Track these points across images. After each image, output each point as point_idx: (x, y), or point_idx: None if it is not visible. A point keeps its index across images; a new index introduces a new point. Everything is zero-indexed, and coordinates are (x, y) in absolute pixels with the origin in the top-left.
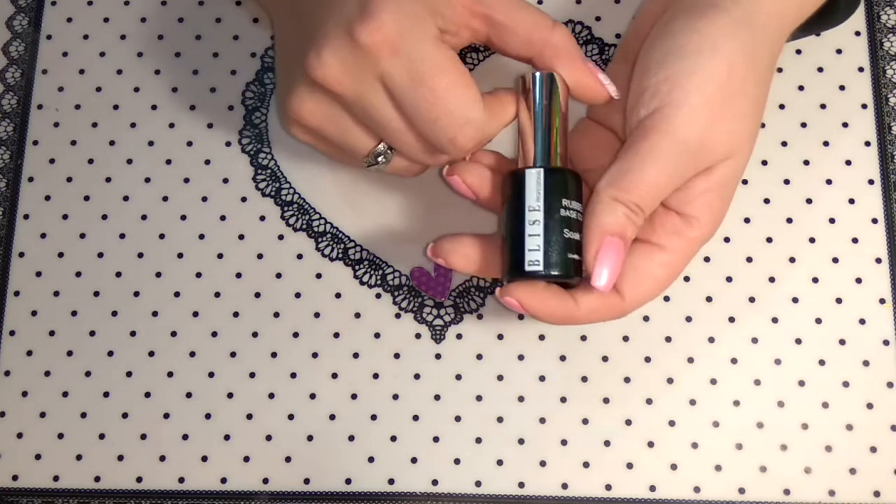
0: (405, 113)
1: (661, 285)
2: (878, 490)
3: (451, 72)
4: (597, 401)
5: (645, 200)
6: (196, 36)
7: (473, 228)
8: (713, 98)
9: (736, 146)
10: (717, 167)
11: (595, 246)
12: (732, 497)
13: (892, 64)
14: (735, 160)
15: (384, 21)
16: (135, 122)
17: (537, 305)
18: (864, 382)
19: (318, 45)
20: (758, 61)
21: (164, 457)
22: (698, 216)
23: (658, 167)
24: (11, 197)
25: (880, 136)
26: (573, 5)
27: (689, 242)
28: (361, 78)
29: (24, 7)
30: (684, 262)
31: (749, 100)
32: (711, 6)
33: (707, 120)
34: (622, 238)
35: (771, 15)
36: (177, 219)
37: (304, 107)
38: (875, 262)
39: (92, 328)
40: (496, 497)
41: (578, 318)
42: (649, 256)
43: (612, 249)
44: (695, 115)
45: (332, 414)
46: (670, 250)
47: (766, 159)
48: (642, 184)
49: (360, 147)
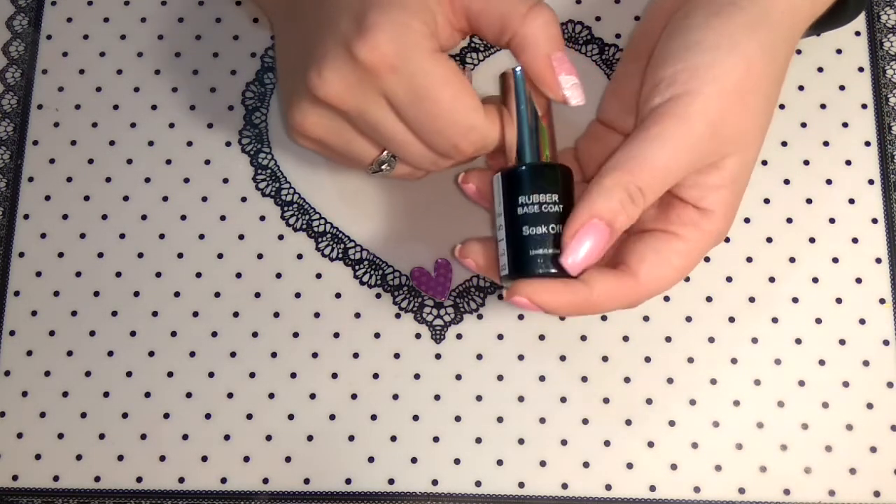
0: (409, 125)
1: (677, 273)
2: (878, 490)
3: (453, 83)
4: (597, 401)
5: (650, 185)
6: (196, 36)
7: (474, 228)
8: (730, 92)
9: (746, 142)
10: (727, 162)
11: (576, 225)
12: (732, 497)
13: (892, 64)
14: (744, 156)
15: (380, 40)
16: (135, 122)
17: (548, 299)
18: (864, 382)
19: (319, 62)
20: (775, 60)
21: (164, 457)
22: (714, 209)
23: (668, 151)
24: (11, 197)
25: (880, 136)
26: (573, 5)
27: (705, 234)
28: (363, 94)
29: (24, 7)
30: (699, 254)
31: (763, 98)
32: (729, 3)
33: (722, 111)
34: (609, 224)
35: (785, 13)
36: (177, 219)
37: (308, 120)
38: (875, 262)
39: (92, 328)
40: (496, 497)
41: (594, 303)
42: (667, 243)
43: (594, 231)
44: (711, 104)
45: (332, 414)
46: (687, 240)
47: (766, 159)
48: (650, 167)
49: (364, 156)
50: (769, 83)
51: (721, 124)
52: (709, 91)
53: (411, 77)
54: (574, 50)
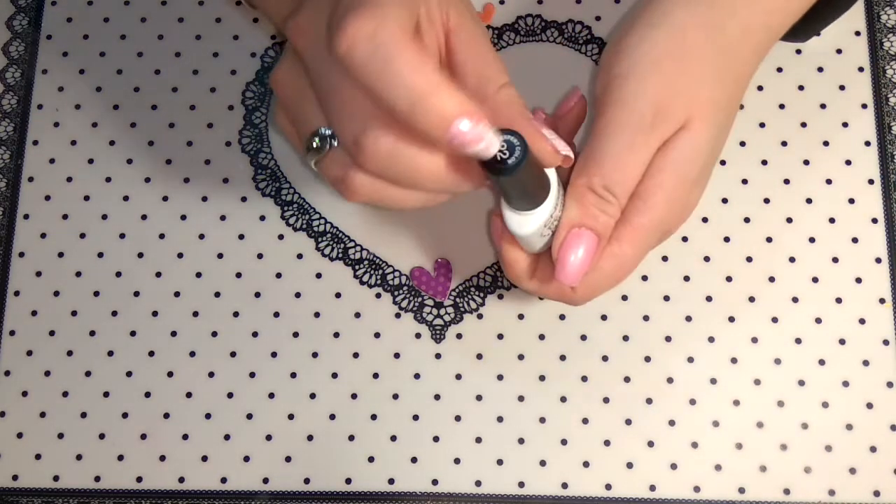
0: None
1: (611, 278)
2: (877, 490)
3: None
4: (597, 401)
5: (612, 180)
6: (196, 36)
7: (474, 228)
8: (663, 64)
9: (694, 111)
10: (674, 142)
11: (559, 241)
12: (732, 497)
13: (892, 64)
14: (694, 132)
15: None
16: (135, 122)
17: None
18: (864, 382)
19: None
20: (718, 30)
21: (164, 457)
22: (645, 198)
23: (615, 141)
24: (11, 197)
25: (880, 136)
26: (573, 5)
27: (635, 230)
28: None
29: (24, 7)
30: (635, 251)
31: (708, 66)
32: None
33: (659, 86)
34: (591, 228)
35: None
36: (177, 219)
37: (280, 67)
38: (875, 262)
39: (92, 328)
40: (496, 497)
41: (528, 288)
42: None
43: (576, 241)
44: (644, 81)
45: (332, 414)
46: (618, 239)
47: (766, 159)
48: (607, 161)
49: (309, 122)
50: (715, 52)
51: (662, 98)
52: (641, 70)
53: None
54: (574, 50)
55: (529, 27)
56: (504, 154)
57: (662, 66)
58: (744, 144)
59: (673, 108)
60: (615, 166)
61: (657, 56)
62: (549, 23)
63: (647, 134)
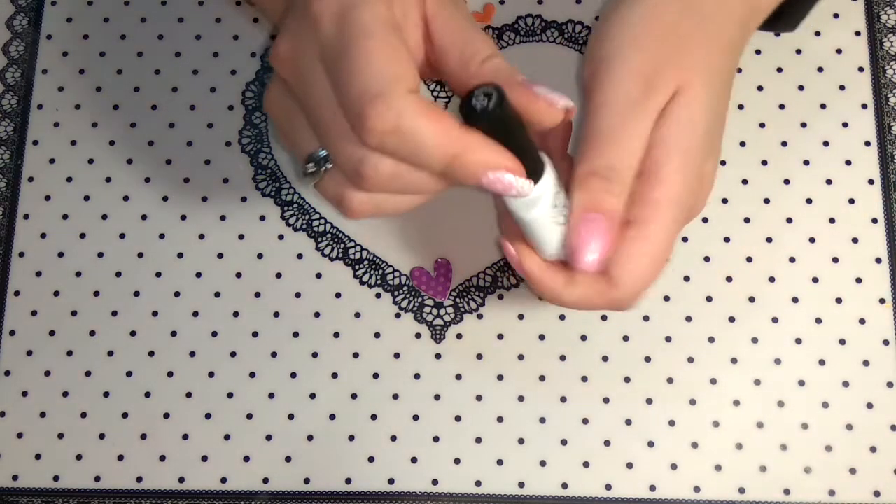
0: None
1: (647, 265)
2: (877, 490)
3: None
4: (597, 401)
5: (612, 160)
6: (196, 36)
7: (474, 228)
8: (643, 41)
9: (682, 78)
10: (669, 109)
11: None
12: (732, 497)
13: (892, 64)
14: (687, 96)
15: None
16: (135, 122)
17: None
18: (864, 382)
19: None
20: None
21: (164, 457)
22: (655, 171)
23: (608, 121)
24: (11, 197)
25: (880, 136)
26: (573, 5)
27: (654, 207)
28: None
29: (24, 7)
30: (659, 229)
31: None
32: None
33: (642, 61)
34: (601, 211)
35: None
36: (177, 219)
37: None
38: (875, 262)
39: (92, 328)
40: (496, 497)
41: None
42: (622, 234)
43: (591, 226)
44: (627, 60)
45: (332, 414)
46: (640, 221)
47: (766, 159)
48: (601, 144)
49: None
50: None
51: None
52: (622, 49)
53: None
54: (574, 50)
55: (529, 27)
56: (483, 103)
57: (643, 43)
58: (744, 144)
59: (660, 78)
60: (612, 144)
61: (636, 35)
62: (549, 23)
63: (639, 106)
